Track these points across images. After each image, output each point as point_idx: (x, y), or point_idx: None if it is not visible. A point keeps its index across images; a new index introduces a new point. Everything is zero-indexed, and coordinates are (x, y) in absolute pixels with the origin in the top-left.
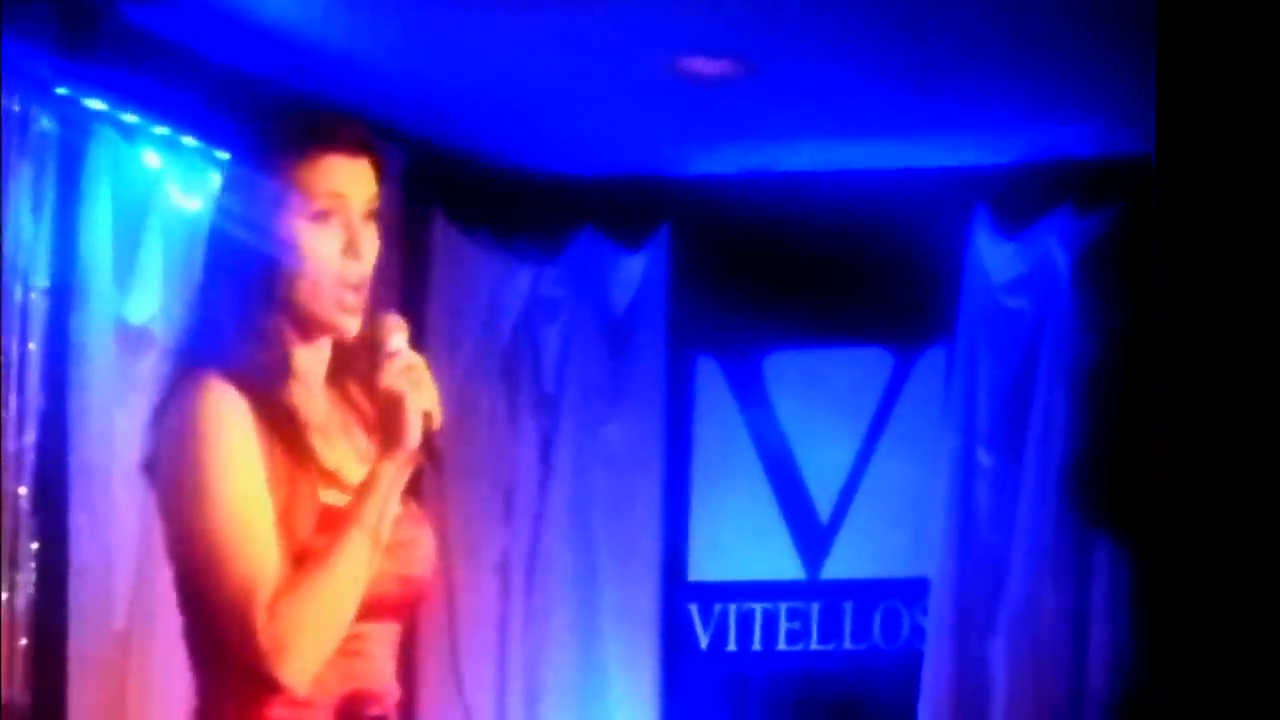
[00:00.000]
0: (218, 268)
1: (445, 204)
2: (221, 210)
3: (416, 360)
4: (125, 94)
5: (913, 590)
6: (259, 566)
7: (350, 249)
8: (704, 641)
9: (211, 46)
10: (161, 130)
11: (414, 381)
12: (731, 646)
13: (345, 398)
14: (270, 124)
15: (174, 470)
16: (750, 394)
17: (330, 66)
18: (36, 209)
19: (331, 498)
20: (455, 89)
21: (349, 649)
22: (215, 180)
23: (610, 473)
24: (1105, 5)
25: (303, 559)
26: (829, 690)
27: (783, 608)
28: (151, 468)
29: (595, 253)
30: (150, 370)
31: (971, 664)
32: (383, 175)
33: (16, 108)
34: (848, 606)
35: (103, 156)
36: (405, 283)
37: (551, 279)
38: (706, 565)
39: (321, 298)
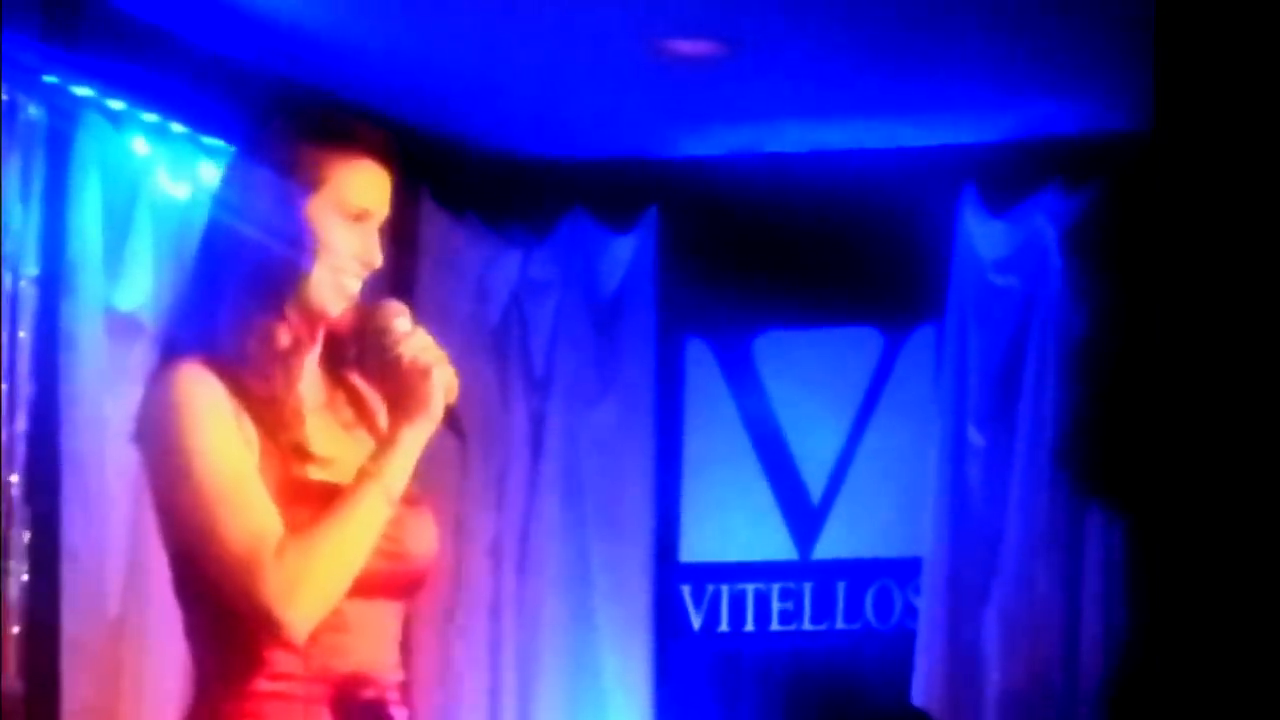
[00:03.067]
0: (214, 258)
1: (433, 187)
2: (223, 202)
3: (429, 339)
4: (113, 81)
5: (905, 570)
6: (259, 519)
7: (368, 257)
8: (696, 622)
9: (198, 32)
10: (150, 117)
11: (435, 354)
12: (724, 627)
13: (338, 381)
14: (301, 121)
15: (158, 451)
16: (740, 375)
17: (316, 51)
18: (25, 197)
19: (309, 474)
20: (441, 72)
21: (330, 623)
22: (207, 168)
23: (601, 454)
24: None
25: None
26: (822, 670)
27: (775, 588)
28: (139, 443)
29: (584, 235)
30: (140, 357)
31: (964, 643)
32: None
33: (4, 96)
34: (840, 586)
35: (91, 144)
36: (394, 266)
37: (540, 261)
38: (698, 546)
39: (330, 293)
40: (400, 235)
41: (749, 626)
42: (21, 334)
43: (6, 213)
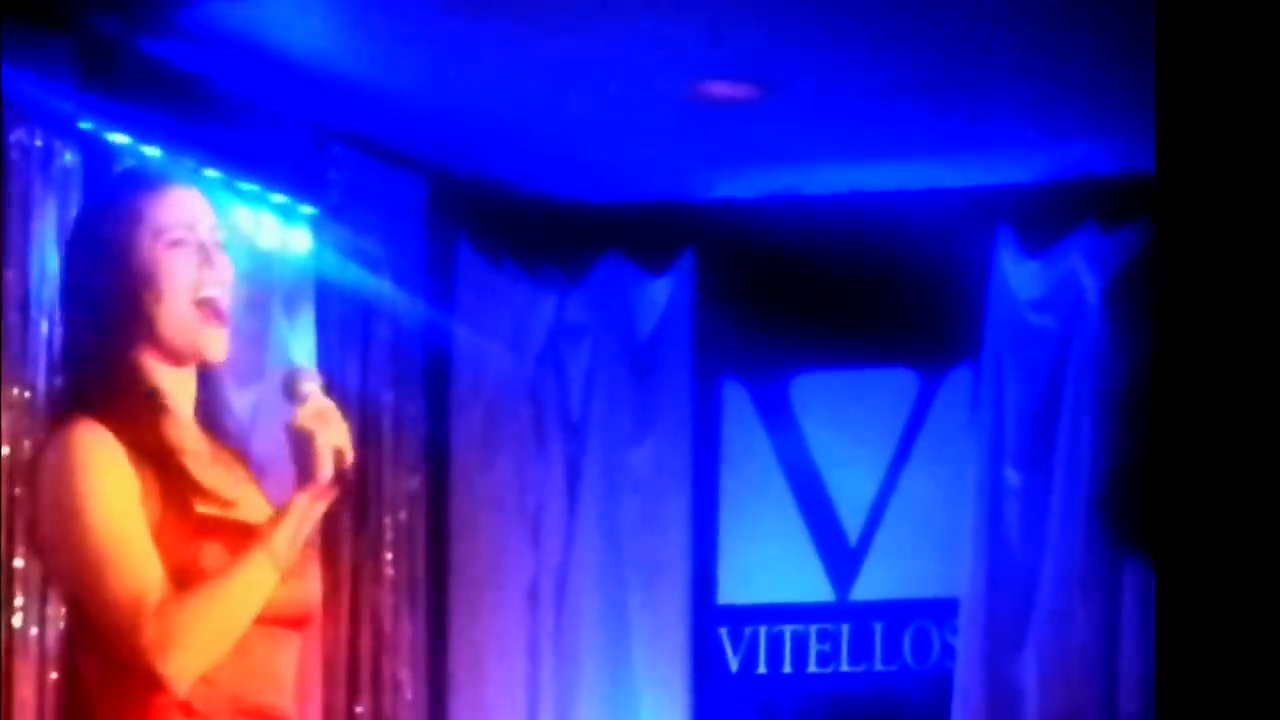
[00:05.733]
0: (73, 308)
1: (469, 232)
2: (69, 256)
3: (327, 404)
4: (147, 128)
5: (942, 610)
6: (139, 576)
7: (205, 265)
8: (734, 665)
9: (233, 79)
10: (185, 164)
11: (325, 421)
12: (762, 669)
13: (218, 428)
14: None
15: (52, 508)
16: (777, 417)
17: (352, 97)
18: (60, 243)
19: (208, 509)
20: (477, 117)
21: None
22: (242, 214)
23: (638, 497)
24: (1124, 21)
25: (187, 570)
26: (860, 712)
27: (812, 630)
28: (33, 497)
29: (620, 278)
30: None
31: (1002, 684)
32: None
33: (39, 143)
34: (877, 627)
35: None
36: (430, 311)
37: (576, 305)
38: (736, 588)
39: (178, 329)
40: (437, 281)
41: (786, 668)
42: (56, 380)
43: (42, 259)
